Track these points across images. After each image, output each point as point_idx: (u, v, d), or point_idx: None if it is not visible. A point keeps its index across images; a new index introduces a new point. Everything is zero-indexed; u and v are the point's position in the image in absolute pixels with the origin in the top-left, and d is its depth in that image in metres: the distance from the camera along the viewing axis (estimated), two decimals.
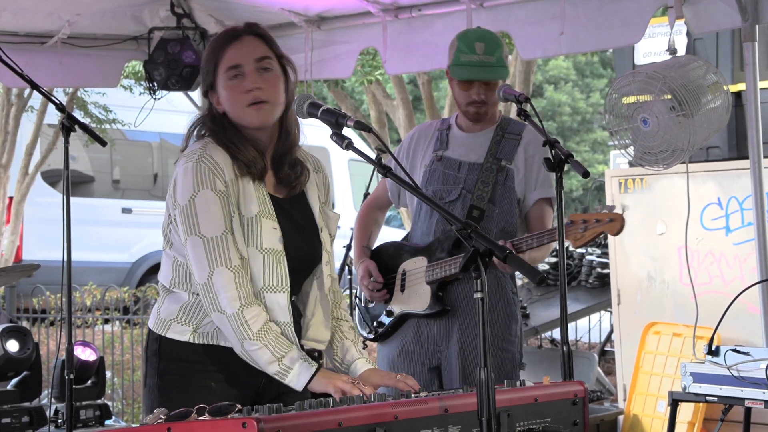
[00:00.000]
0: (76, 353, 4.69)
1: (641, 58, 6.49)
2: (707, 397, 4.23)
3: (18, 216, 11.52)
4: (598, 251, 7.39)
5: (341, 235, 4.09)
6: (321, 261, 3.12)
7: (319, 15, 5.97)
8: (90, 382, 4.89)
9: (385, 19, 5.70)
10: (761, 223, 4.64)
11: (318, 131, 3.24)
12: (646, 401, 5.92)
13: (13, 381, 4.63)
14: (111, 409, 5.01)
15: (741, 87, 5.63)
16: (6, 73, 4.26)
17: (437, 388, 4.10)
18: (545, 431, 2.75)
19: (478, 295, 2.40)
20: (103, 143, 3.95)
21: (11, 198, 11.52)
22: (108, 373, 7.07)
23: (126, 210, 12.78)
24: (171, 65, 6.30)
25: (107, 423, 4.83)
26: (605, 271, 7.13)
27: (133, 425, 3.32)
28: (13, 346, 4.51)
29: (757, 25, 4.66)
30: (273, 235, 2.97)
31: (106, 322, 9.56)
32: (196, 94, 6.87)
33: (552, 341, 8.43)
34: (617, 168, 12.25)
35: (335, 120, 2.81)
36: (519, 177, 4.13)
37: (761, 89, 4.83)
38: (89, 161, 12.94)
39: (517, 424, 2.70)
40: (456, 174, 4.17)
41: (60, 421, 4.70)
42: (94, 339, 8.85)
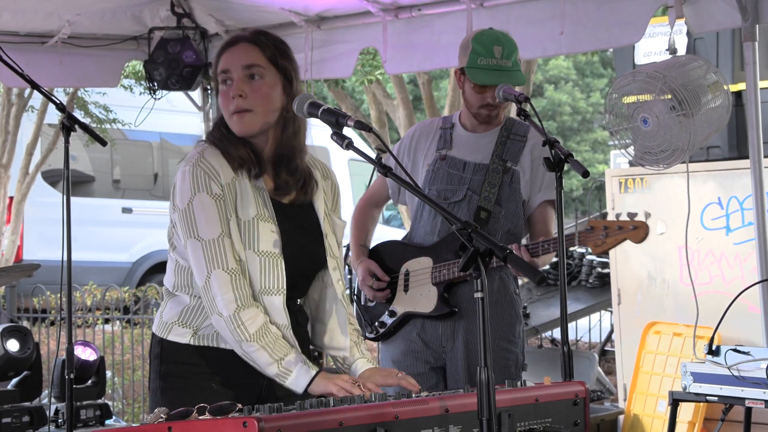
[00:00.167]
0: (76, 353, 4.68)
1: (641, 57, 6.49)
2: (708, 397, 4.23)
3: (18, 216, 11.52)
4: None
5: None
6: (326, 266, 3.11)
7: (319, 15, 5.97)
8: (90, 381, 4.89)
9: (385, 19, 5.69)
10: (761, 223, 4.64)
11: (318, 131, 3.24)
12: (646, 401, 5.92)
13: (14, 381, 4.62)
14: (111, 409, 5.00)
15: (741, 87, 5.63)
16: (6, 73, 4.26)
17: (442, 388, 4.08)
18: (546, 431, 2.75)
19: (478, 295, 2.40)
20: (104, 143, 3.95)
21: (12, 198, 11.53)
22: (108, 373, 7.06)
23: (126, 210, 12.78)
24: (171, 65, 6.30)
25: (107, 423, 4.82)
26: (605, 271, 7.13)
27: (134, 425, 3.31)
28: (14, 345, 4.51)
29: (758, 25, 4.66)
30: (270, 238, 2.97)
31: (106, 321, 9.57)
32: (196, 94, 6.87)
33: (552, 341, 8.42)
34: (617, 168, 12.25)
35: (335, 119, 2.81)
36: (525, 179, 4.12)
37: (761, 89, 4.82)
38: (90, 161, 12.93)
39: (518, 424, 2.70)
40: (461, 174, 4.14)
41: (60, 421, 4.70)
42: (94, 339, 8.85)
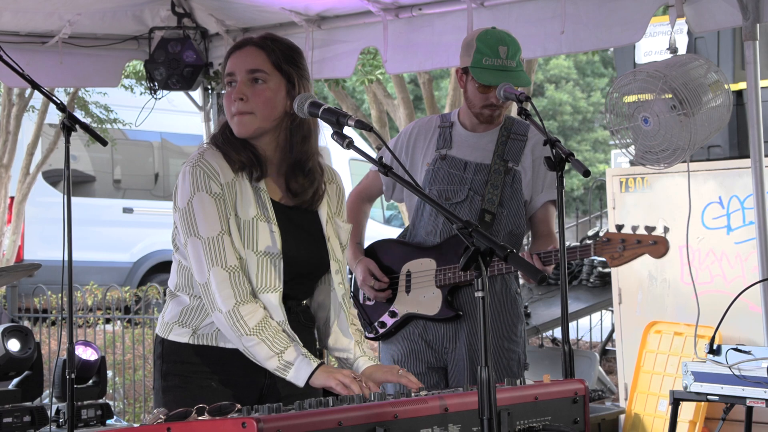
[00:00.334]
0: (77, 353, 4.68)
1: (642, 57, 6.49)
2: (708, 396, 4.22)
3: (19, 216, 11.53)
4: None
5: None
6: (329, 269, 3.12)
7: (320, 14, 5.97)
8: (91, 381, 4.88)
9: (386, 19, 5.69)
10: (762, 222, 4.63)
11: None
12: (647, 400, 5.91)
13: (15, 381, 4.62)
14: (112, 409, 5.00)
15: (742, 86, 5.63)
16: (7, 73, 4.26)
17: (442, 389, 4.07)
18: (545, 430, 2.75)
19: (479, 294, 2.40)
20: (104, 143, 3.95)
21: (12, 198, 11.54)
22: (109, 373, 7.07)
23: (127, 210, 12.78)
24: (172, 65, 6.30)
25: (109, 422, 4.82)
26: (606, 270, 7.13)
27: (135, 425, 3.31)
28: (15, 345, 4.50)
29: (758, 24, 4.66)
30: (270, 239, 2.98)
31: (107, 321, 9.57)
32: (197, 93, 6.87)
33: (553, 340, 8.42)
34: (618, 167, 12.25)
35: (336, 119, 2.81)
36: (526, 179, 4.11)
37: (762, 88, 4.82)
38: (90, 161, 12.94)
39: (518, 422, 2.70)
40: (462, 174, 4.13)
41: (61, 421, 4.69)
42: (95, 338, 8.86)
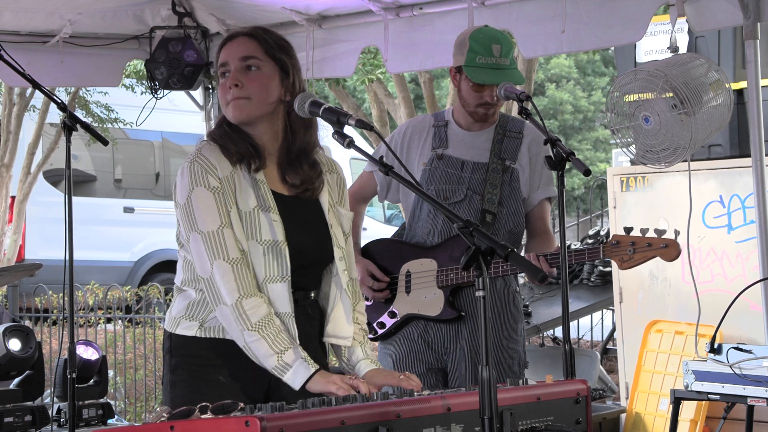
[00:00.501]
0: (78, 352, 4.69)
1: (643, 56, 6.48)
2: (709, 395, 4.23)
3: (20, 215, 11.53)
4: None
5: None
6: (333, 257, 3.13)
7: (321, 13, 5.96)
8: (92, 381, 4.89)
9: (387, 18, 5.69)
10: (763, 221, 4.63)
11: (319, 129, 3.24)
12: (648, 399, 5.91)
13: (16, 380, 4.63)
14: (113, 408, 5.01)
15: (743, 85, 5.62)
16: (8, 73, 4.27)
17: (441, 389, 4.07)
18: (548, 430, 2.75)
19: (479, 293, 2.41)
20: (105, 142, 3.95)
21: (13, 197, 11.54)
22: (110, 372, 7.07)
23: (128, 209, 12.78)
24: (172, 64, 6.30)
25: (110, 422, 4.82)
26: (607, 269, 7.12)
27: (136, 424, 3.31)
28: (16, 345, 4.51)
29: (759, 23, 4.65)
30: (273, 228, 2.99)
31: (108, 321, 9.57)
32: (198, 93, 6.87)
33: (554, 339, 8.43)
34: (619, 166, 12.24)
35: (336, 118, 2.81)
36: (524, 177, 4.11)
37: (763, 87, 4.82)
38: (91, 160, 12.94)
39: (520, 422, 2.70)
40: (459, 173, 4.11)
41: (63, 420, 4.70)
42: (96, 338, 8.85)
